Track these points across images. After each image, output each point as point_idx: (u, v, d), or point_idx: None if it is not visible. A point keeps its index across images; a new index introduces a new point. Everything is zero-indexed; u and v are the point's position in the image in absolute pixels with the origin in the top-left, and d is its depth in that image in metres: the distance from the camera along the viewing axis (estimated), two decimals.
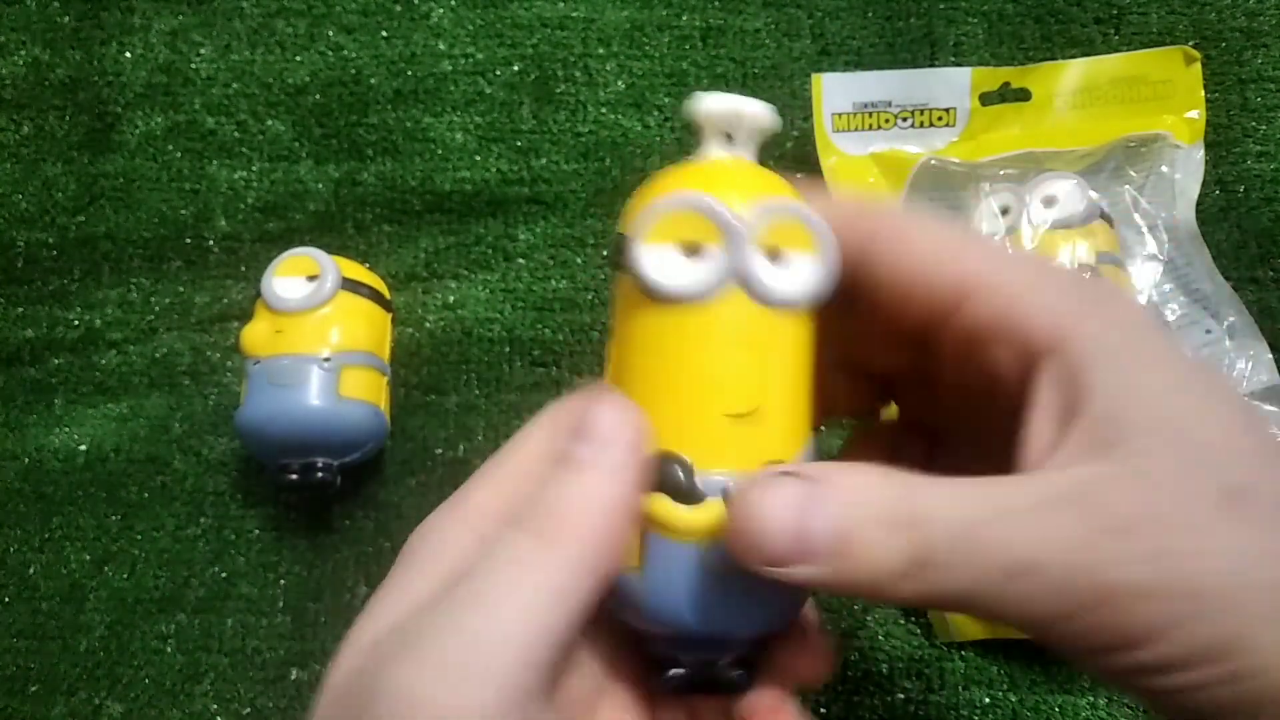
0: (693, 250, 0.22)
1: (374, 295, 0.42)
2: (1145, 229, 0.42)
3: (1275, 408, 0.39)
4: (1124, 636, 0.19)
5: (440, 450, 0.43)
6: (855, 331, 0.25)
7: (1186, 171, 0.42)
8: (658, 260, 0.22)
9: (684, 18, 0.49)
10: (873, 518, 0.19)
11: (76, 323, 0.47)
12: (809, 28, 0.49)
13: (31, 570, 0.43)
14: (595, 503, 0.21)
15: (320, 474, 0.39)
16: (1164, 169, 0.42)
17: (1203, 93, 0.43)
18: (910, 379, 0.26)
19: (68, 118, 0.49)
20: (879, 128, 0.45)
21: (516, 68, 0.48)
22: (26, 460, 0.45)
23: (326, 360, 0.38)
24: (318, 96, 0.48)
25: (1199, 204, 0.42)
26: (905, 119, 0.45)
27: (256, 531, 0.43)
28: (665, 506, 0.21)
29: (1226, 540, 0.19)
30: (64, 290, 0.47)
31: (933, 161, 0.44)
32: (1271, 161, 0.44)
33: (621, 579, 0.22)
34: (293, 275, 0.40)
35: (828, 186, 0.44)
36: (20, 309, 0.47)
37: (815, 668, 0.25)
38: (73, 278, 0.47)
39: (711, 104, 0.23)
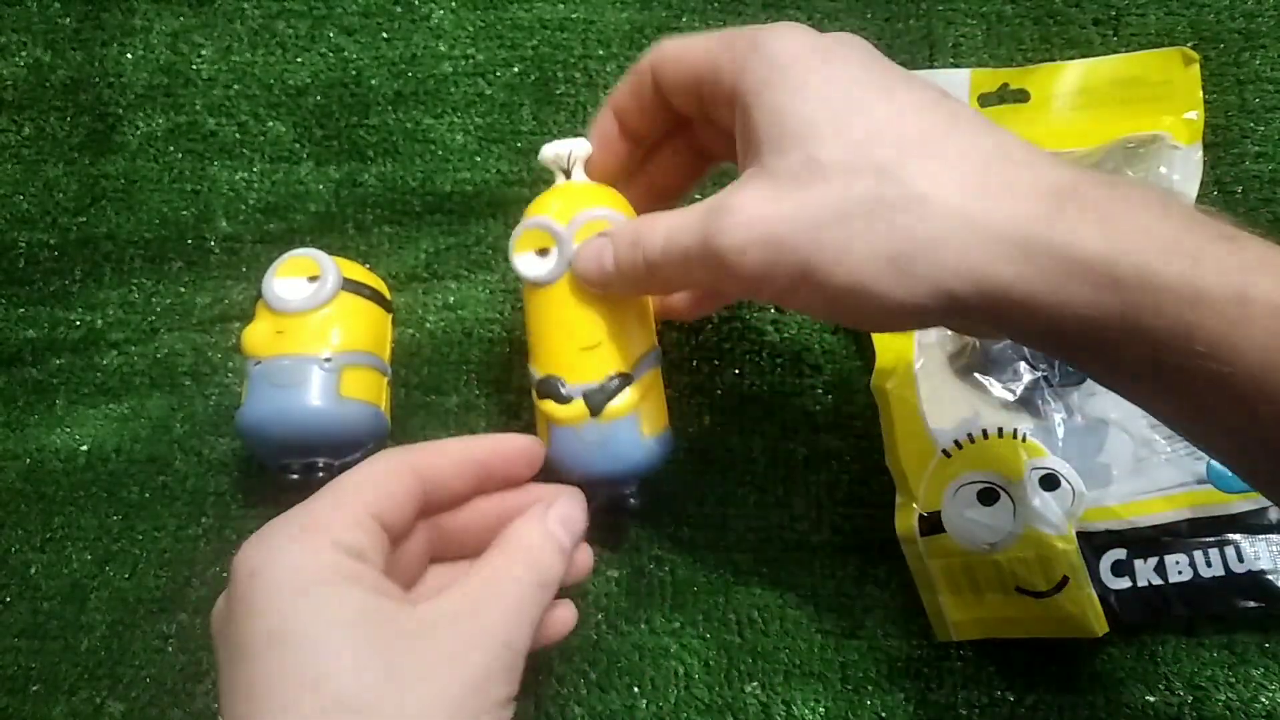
0: (544, 252, 0.35)
1: (374, 296, 0.42)
2: None
3: None
4: (738, 285, 0.29)
5: None
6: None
7: (1185, 172, 0.42)
8: (523, 261, 0.35)
9: (683, 19, 0.49)
10: (621, 243, 0.32)
11: (78, 323, 0.47)
12: None
13: (33, 570, 0.43)
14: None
15: (321, 474, 0.39)
16: (1162, 169, 0.42)
17: (1201, 93, 0.43)
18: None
19: (69, 119, 0.50)
20: None
21: (517, 69, 0.48)
22: (28, 460, 0.45)
23: (327, 361, 0.38)
24: (318, 98, 0.49)
25: (1197, 204, 0.42)
26: None
27: None
28: (551, 406, 0.35)
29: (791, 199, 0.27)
30: (65, 291, 0.47)
31: None
32: (1270, 162, 0.44)
33: (548, 452, 0.35)
34: (293, 276, 0.40)
35: None
36: (22, 309, 0.47)
37: (581, 570, 0.34)
38: (74, 278, 0.47)
39: (541, 154, 0.36)
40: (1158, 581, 0.37)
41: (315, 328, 0.39)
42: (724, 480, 0.42)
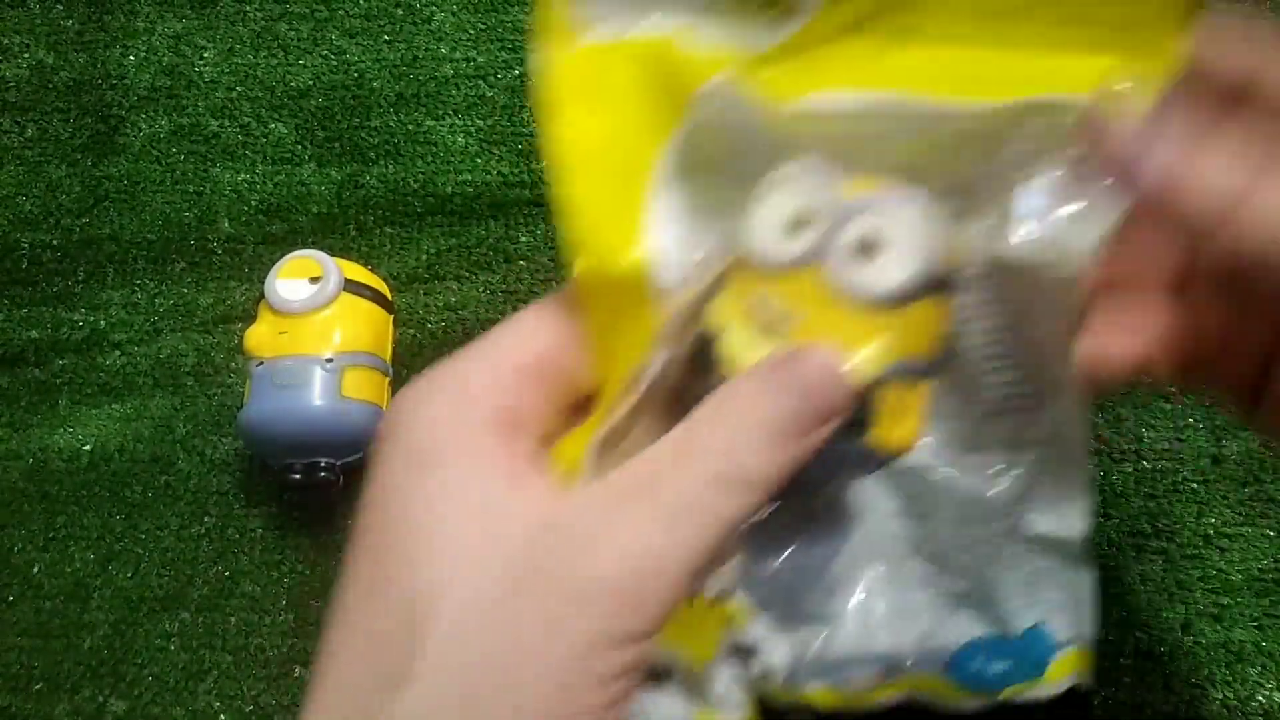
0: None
1: (376, 297, 0.42)
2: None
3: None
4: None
5: None
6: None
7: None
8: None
9: None
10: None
11: (81, 324, 0.47)
12: None
13: (36, 569, 0.43)
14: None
15: (323, 474, 0.39)
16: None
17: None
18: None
19: (72, 120, 0.50)
20: None
21: (518, 71, 0.49)
22: (31, 460, 0.45)
23: (329, 361, 0.39)
24: (320, 99, 0.49)
25: None
26: None
27: (260, 530, 0.43)
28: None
29: None
30: (68, 292, 0.47)
31: (721, 99, 0.23)
32: None
33: None
34: (295, 277, 0.40)
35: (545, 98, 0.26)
36: (25, 310, 0.47)
37: None
38: (77, 279, 0.48)
39: None
40: None
41: (317, 328, 0.39)
42: None
